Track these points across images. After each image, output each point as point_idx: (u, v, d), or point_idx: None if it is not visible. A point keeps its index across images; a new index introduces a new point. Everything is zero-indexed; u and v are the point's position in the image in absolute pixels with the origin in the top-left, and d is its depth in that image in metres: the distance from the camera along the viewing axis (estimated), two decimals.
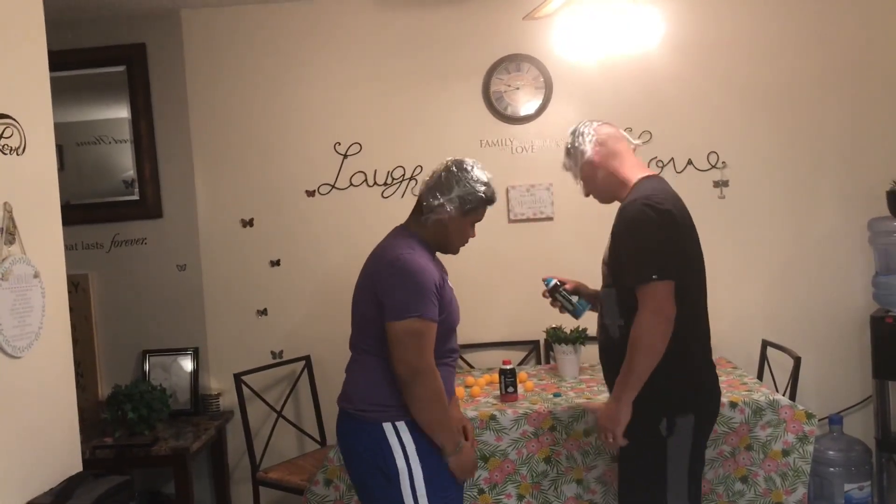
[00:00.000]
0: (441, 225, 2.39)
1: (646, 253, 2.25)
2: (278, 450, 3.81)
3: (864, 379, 3.76)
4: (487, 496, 2.88)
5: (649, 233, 2.26)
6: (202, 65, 3.89)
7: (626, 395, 2.27)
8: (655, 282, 2.21)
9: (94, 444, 3.40)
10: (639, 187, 2.39)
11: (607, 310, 2.44)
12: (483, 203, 2.41)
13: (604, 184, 2.50)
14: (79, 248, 3.88)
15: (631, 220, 2.29)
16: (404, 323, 2.23)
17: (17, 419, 2.05)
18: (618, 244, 2.35)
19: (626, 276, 2.30)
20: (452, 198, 2.36)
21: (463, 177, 2.37)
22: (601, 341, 2.51)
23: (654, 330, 2.21)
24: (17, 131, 2.12)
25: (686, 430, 2.31)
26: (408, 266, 2.27)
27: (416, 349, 2.23)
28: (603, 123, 2.53)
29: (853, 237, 3.81)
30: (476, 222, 2.46)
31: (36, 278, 2.16)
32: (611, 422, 2.31)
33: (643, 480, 2.37)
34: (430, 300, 2.25)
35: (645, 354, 2.22)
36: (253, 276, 3.95)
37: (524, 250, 3.90)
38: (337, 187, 3.92)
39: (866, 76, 3.80)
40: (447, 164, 2.42)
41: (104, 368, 3.92)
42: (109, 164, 3.95)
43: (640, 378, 2.25)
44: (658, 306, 2.21)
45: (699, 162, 3.85)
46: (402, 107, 3.90)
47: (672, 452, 2.31)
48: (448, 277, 2.45)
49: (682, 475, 2.33)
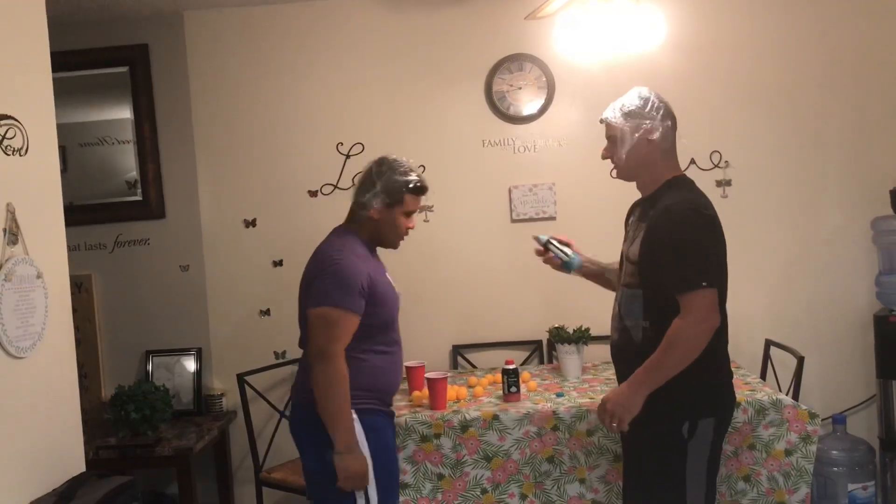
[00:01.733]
0: (372, 221, 2.52)
1: (696, 259, 2.20)
2: (282, 450, 3.79)
3: (868, 378, 3.75)
4: (490, 495, 2.88)
5: (699, 239, 2.22)
6: (205, 66, 3.90)
7: (645, 388, 2.24)
8: (705, 289, 2.18)
9: (97, 444, 3.41)
10: (675, 186, 2.35)
11: (629, 311, 2.38)
12: (406, 192, 2.49)
13: (642, 162, 2.37)
14: (82, 249, 3.88)
15: (679, 223, 2.23)
16: (319, 309, 2.38)
17: (20, 420, 2.05)
18: (659, 246, 2.26)
19: (667, 280, 2.23)
20: (377, 192, 2.49)
21: (383, 171, 2.50)
22: (619, 343, 2.45)
23: (698, 338, 2.18)
24: (20, 132, 2.12)
25: (707, 432, 2.29)
26: (333, 264, 2.41)
27: (325, 335, 2.36)
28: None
29: (857, 236, 3.81)
30: (409, 213, 2.55)
31: (39, 279, 2.16)
32: (622, 408, 2.27)
33: (662, 484, 2.34)
34: (350, 293, 2.37)
35: (681, 358, 2.19)
36: (256, 276, 3.96)
37: (527, 250, 3.88)
38: (339, 187, 3.92)
39: (869, 75, 3.80)
40: (371, 162, 2.56)
41: (107, 369, 3.93)
42: (112, 165, 3.96)
43: (666, 377, 2.22)
44: (705, 315, 2.18)
45: (702, 161, 3.84)
46: (405, 107, 3.90)
47: (692, 456, 2.29)
48: (386, 272, 2.59)
49: (700, 479, 2.32)
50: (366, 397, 2.44)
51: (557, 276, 3.76)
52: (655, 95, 2.38)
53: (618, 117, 2.36)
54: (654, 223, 2.29)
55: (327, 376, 2.34)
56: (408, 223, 2.56)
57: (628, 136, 2.34)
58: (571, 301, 3.66)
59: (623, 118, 2.35)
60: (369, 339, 2.45)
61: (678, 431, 2.28)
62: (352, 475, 2.34)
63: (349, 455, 2.34)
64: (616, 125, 2.37)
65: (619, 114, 2.37)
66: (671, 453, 2.30)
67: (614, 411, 2.28)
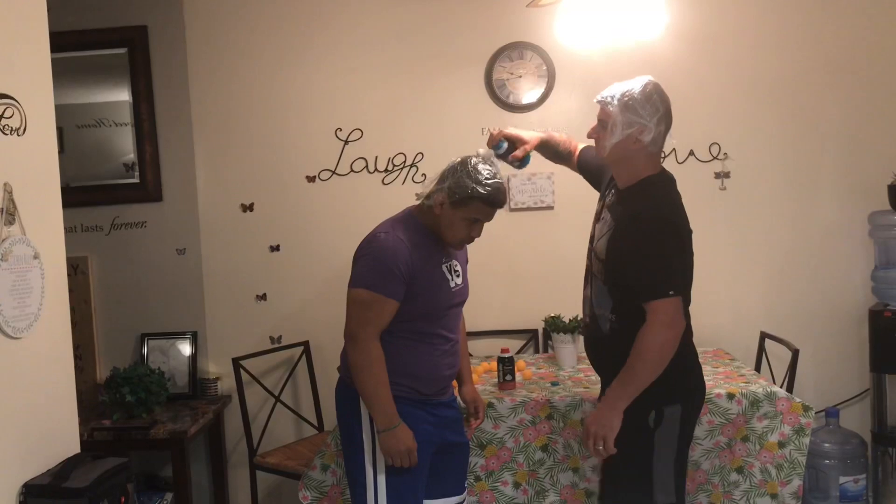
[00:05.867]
0: (432, 212, 2.46)
1: (661, 269, 2.22)
2: (276, 435, 3.81)
3: (862, 372, 3.77)
4: (484, 483, 2.89)
5: (665, 249, 2.23)
6: (204, 48, 3.88)
7: (622, 403, 2.25)
8: (671, 297, 2.20)
9: (91, 426, 3.41)
10: (650, 185, 2.33)
11: (598, 301, 2.41)
12: (472, 199, 2.39)
13: (624, 157, 2.33)
14: (78, 231, 3.87)
15: (650, 233, 2.24)
16: (355, 291, 2.40)
17: (15, 400, 2.05)
18: (626, 254, 2.28)
19: (634, 286, 2.26)
20: (444, 187, 2.42)
21: (460, 169, 2.42)
22: (589, 333, 2.49)
23: (665, 345, 2.21)
24: (18, 111, 2.11)
25: (673, 420, 2.31)
26: (375, 243, 2.42)
27: (357, 318, 2.39)
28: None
29: (853, 230, 3.81)
30: (473, 220, 2.44)
31: (36, 259, 2.16)
32: (604, 428, 2.26)
33: (629, 475, 2.36)
34: (387, 277, 2.36)
35: (652, 368, 2.21)
36: (252, 261, 3.95)
37: (524, 239, 3.90)
38: (337, 173, 3.91)
39: (869, 69, 3.79)
40: (458, 158, 2.48)
41: (103, 351, 3.93)
42: (110, 146, 3.94)
43: (641, 388, 2.23)
44: (671, 321, 2.20)
45: (701, 153, 3.84)
46: (404, 93, 3.89)
47: (659, 445, 2.31)
48: (448, 262, 2.52)
49: (668, 468, 2.33)
50: (392, 381, 2.41)
51: (554, 267, 3.79)
52: (659, 94, 2.31)
53: (616, 106, 2.29)
54: (622, 228, 2.30)
55: (358, 359, 2.38)
56: (472, 230, 2.47)
57: (619, 129, 2.29)
58: (567, 291, 3.64)
59: (621, 109, 2.28)
60: (409, 326, 2.44)
61: (644, 421, 2.29)
62: (394, 453, 2.38)
63: (388, 433, 2.37)
64: (612, 114, 2.30)
65: (618, 103, 2.29)
66: (638, 444, 2.31)
67: (597, 433, 2.28)
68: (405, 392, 2.45)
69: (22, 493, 2.05)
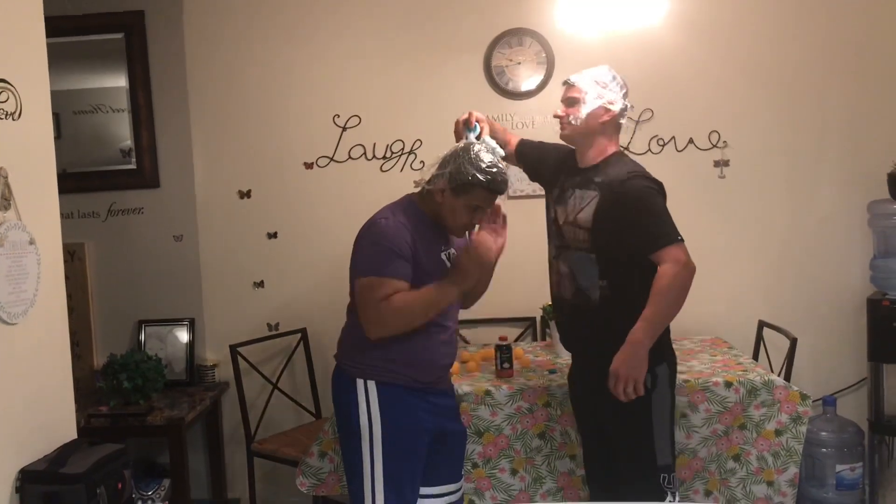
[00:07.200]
0: (433, 198, 2.44)
1: (665, 220, 2.40)
2: (273, 422, 3.81)
3: (860, 361, 3.76)
4: (481, 470, 2.89)
5: (661, 203, 2.44)
6: (201, 34, 3.85)
7: (648, 342, 2.35)
8: (680, 242, 2.37)
9: (88, 412, 3.41)
10: (618, 159, 2.55)
11: (582, 272, 2.52)
12: (473, 186, 2.37)
13: (595, 129, 2.54)
14: (75, 217, 3.85)
15: (641, 194, 2.43)
16: (366, 280, 2.36)
17: (11, 386, 2.05)
18: (624, 215, 2.42)
19: (638, 242, 2.40)
20: (445, 173, 2.40)
21: (459, 155, 2.40)
22: (574, 303, 2.56)
23: (685, 282, 2.36)
24: (13, 96, 2.10)
25: (664, 379, 2.47)
26: (375, 228, 2.40)
27: (369, 301, 2.35)
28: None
29: (853, 219, 3.80)
30: (474, 207, 2.42)
31: (31, 245, 2.15)
32: (634, 370, 2.34)
33: (629, 445, 2.48)
34: (392, 259, 2.34)
35: (676, 304, 2.36)
36: (250, 247, 3.94)
37: (522, 226, 3.86)
38: (335, 160, 3.90)
39: (869, 58, 3.77)
40: (459, 143, 2.50)
41: (100, 337, 3.92)
42: (106, 132, 3.92)
43: (664, 326, 2.40)
44: (687, 261, 2.36)
45: (700, 141, 3.83)
46: (403, 80, 3.87)
47: (656, 406, 2.44)
48: (447, 251, 2.52)
49: (664, 431, 2.47)
50: (389, 369, 2.42)
51: None
52: (620, 77, 2.57)
53: (586, 82, 2.54)
54: (613, 194, 2.45)
55: (398, 320, 2.35)
56: (475, 217, 2.45)
57: (591, 99, 2.52)
58: None
59: (591, 84, 2.53)
60: None
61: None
62: (485, 252, 2.42)
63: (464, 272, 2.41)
64: (583, 88, 2.54)
65: (588, 79, 2.54)
66: (638, 408, 2.41)
67: (628, 377, 2.35)
68: (403, 380, 2.44)
69: (18, 478, 2.05)
